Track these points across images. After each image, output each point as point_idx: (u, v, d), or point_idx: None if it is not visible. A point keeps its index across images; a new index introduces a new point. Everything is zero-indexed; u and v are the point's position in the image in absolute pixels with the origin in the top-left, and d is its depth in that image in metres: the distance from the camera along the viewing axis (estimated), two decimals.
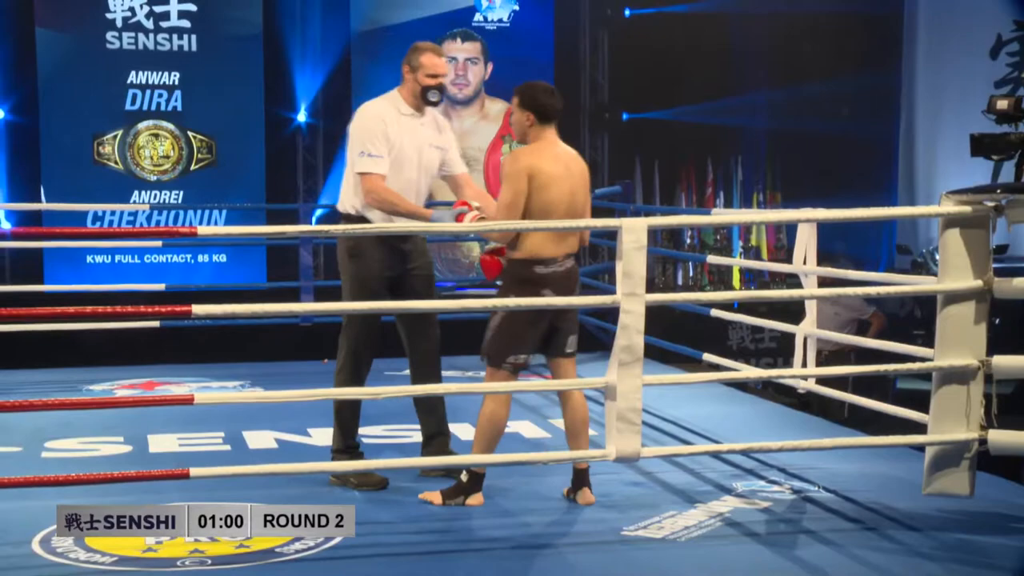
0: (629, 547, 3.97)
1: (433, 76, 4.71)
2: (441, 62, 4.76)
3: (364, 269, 4.76)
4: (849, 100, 12.22)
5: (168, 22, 10.14)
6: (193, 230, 4.48)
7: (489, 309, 4.38)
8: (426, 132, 4.79)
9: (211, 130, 10.24)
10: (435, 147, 4.82)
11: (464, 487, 4.41)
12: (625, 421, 4.05)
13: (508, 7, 11.00)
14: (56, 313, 4.94)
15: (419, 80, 4.71)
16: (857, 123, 12.20)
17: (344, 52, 10.71)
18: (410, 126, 4.74)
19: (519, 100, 4.35)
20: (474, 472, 4.42)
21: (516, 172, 4.25)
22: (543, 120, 4.34)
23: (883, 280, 4.99)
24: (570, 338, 4.48)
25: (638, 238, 3.99)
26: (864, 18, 12.28)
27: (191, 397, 4.97)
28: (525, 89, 4.37)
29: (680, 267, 12.14)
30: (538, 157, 4.30)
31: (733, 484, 4.73)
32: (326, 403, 6.17)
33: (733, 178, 12.44)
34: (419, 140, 4.76)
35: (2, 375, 7.32)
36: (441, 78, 4.75)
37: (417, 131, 4.75)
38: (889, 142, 12.44)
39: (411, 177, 4.75)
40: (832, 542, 3.99)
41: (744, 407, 6.56)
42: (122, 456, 5.23)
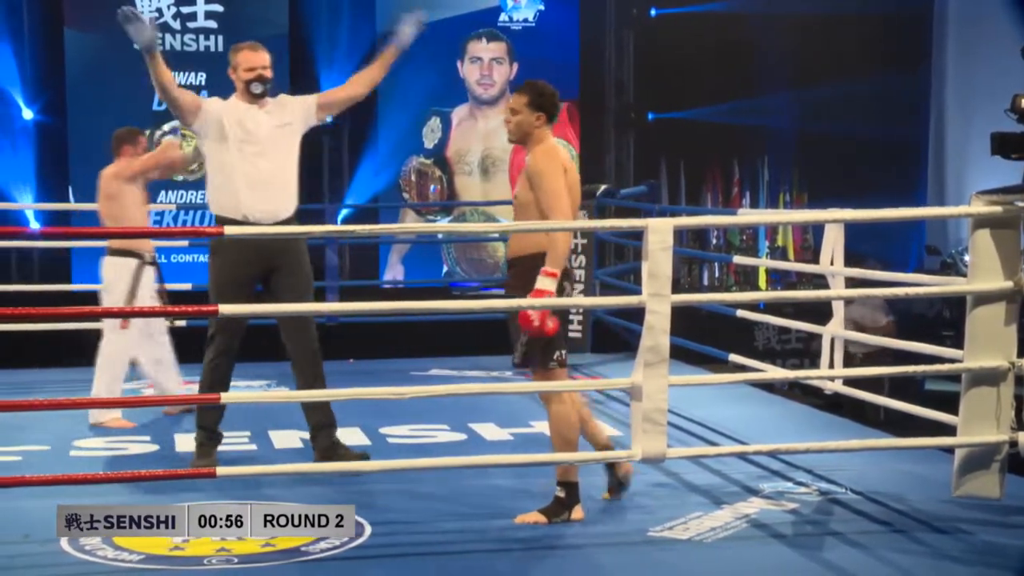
0: (655, 548, 3.96)
1: (250, 70, 4.90)
2: (256, 56, 4.93)
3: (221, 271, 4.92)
4: (877, 100, 12.14)
5: (195, 23, 10.19)
6: (220, 230, 4.49)
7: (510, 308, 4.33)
8: (273, 117, 4.94)
9: None
10: (285, 125, 4.95)
11: (566, 502, 4.26)
12: (651, 422, 4.04)
13: (533, 7, 10.99)
14: (84, 312, 4.98)
15: (240, 77, 4.92)
16: (885, 123, 12.12)
17: (369, 52, 10.69)
18: (250, 115, 4.90)
19: (529, 100, 4.24)
20: (570, 484, 4.27)
21: (555, 169, 4.17)
22: (551, 121, 4.30)
23: (912, 281, 4.96)
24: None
25: (664, 238, 3.98)
26: (893, 18, 12.21)
27: (218, 396, 5.00)
28: (535, 90, 4.28)
29: (706, 267, 12.10)
30: (561, 155, 4.28)
31: (759, 485, 4.70)
32: (351, 402, 6.18)
33: (759, 178, 12.39)
34: (263, 128, 4.89)
35: (31, 374, 7.38)
36: (259, 70, 4.90)
37: (260, 119, 4.91)
38: (918, 142, 12.36)
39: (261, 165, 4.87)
40: (859, 544, 3.97)
41: (770, 408, 6.53)
42: (149, 455, 5.26)
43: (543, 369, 4.24)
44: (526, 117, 4.25)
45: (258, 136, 4.89)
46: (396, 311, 4.58)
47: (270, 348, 7.37)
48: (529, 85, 4.33)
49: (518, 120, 4.26)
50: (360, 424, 5.79)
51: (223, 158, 4.90)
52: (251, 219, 4.85)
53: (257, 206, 4.86)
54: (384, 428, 5.72)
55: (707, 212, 9.87)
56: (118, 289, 5.77)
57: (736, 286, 11.78)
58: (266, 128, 4.91)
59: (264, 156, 4.89)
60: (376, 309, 4.53)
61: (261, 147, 4.88)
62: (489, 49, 10.95)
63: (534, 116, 4.24)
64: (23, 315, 4.10)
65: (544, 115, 4.26)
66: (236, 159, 4.88)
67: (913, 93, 12.20)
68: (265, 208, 4.87)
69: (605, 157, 11.48)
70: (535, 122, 4.24)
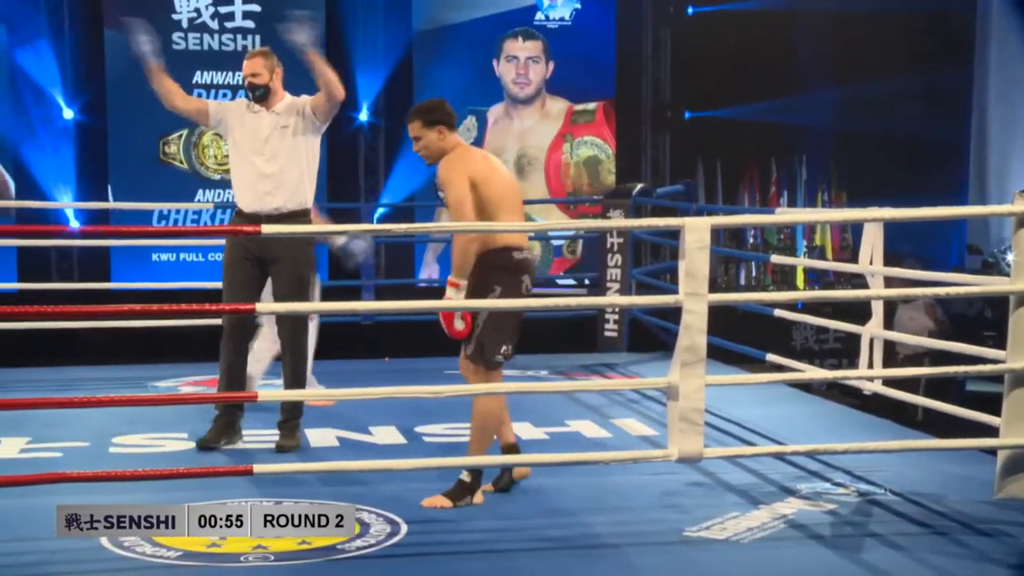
0: (691, 548, 3.93)
1: (244, 77, 5.31)
2: (246, 64, 5.30)
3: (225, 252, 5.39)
4: (917, 98, 12.03)
5: (232, 23, 10.26)
6: (257, 229, 4.51)
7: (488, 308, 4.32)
8: (276, 120, 5.28)
9: None
10: (283, 127, 5.27)
11: (470, 486, 4.36)
12: (688, 421, 4.01)
13: (570, 6, 10.97)
14: (123, 311, 5.01)
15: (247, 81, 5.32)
16: (926, 121, 12.01)
17: (406, 51, 10.76)
18: (253, 117, 5.29)
19: (422, 122, 4.36)
20: (476, 470, 4.37)
21: (456, 178, 4.27)
22: (452, 128, 4.40)
23: (953, 280, 4.90)
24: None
25: (701, 237, 3.95)
26: (933, 15, 12.08)
27: (255, 394, 5.02)
28: (420, 110, 4.42)
29: (743, 267, 12.04)
30: (467, 159, 4.35)
31: (797, 486, 4.66)
32: (387, 401, 6.20)
33: (797, 177, 12.31)
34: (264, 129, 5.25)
35: (70, 371, 7.45)
36: (251, 78, 5.27)
37: (261, 121, 5.27)
38: (959, 141, 12.22)
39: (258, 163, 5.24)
40: (899, 546, 3.92)
41: (808, 408, 6.48)
42: (186, 452, 5.29)
43: (480, 366, 4.37)
44: (428, 138, 4.37)
45: (257, 136, 5.25)
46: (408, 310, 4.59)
47: None
48: (413, 110, 4.48)
49: (424, 144, 4.39)
50: (396, 423, 5.80)
51: (231, 156, 5.38)
52: (247, 212, 5.27)
53: (254, 201, 5.25)
54: (419, 427, 5.73)
55: (744, 211, 9.81)
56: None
57: (773, 286, 11.71)
58: (266, 129, 5.26)
59: (261, 154, 5.24)
60: (405, 308, 4.53)
61: (259, 146, 5.25)
62: (525, 48, 10.95)
63: (434, 133, 4.36)
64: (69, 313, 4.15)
65: (442, 126, 4.37)
66: (236, 157, 5.33)
67: (955, 90, 12.07)
68: (261, 202, 5.24)
69: (641, 156, 11.45)
70: (437, 139, 4.36)
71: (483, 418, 4.40)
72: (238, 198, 5.34)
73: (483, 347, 4.38)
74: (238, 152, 5.32)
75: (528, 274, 4.43)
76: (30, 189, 9.94)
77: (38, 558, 3.76)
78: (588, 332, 8.46)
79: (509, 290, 4.34)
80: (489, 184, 4.33)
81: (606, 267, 8.38)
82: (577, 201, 10.91)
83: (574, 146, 11.03)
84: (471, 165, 4.33)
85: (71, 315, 4.32)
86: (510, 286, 4.35)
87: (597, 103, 11.01)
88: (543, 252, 10.82)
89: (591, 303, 8.04)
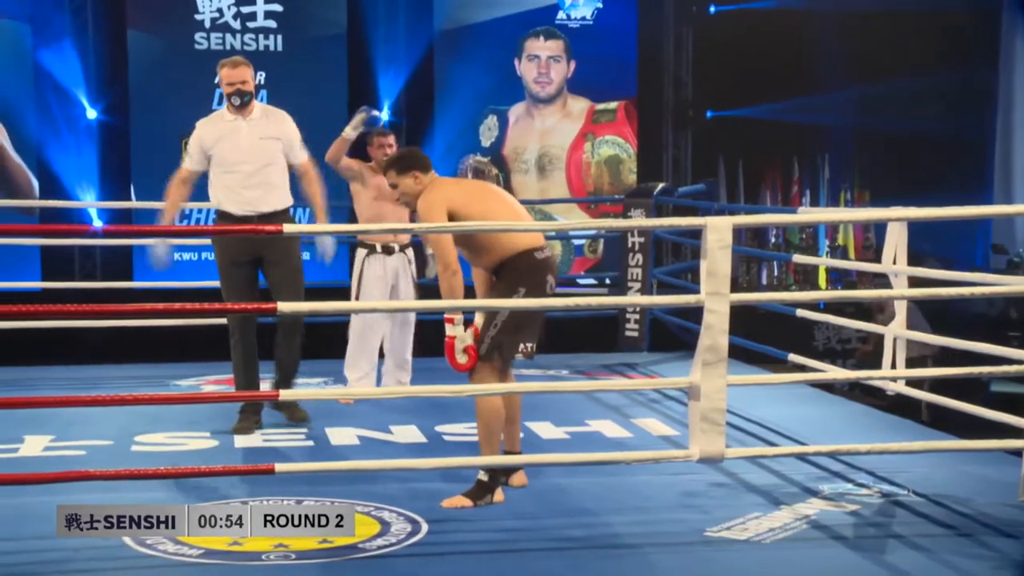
0: (712, 548, 3.92)
1: (229, 85, 5.52)
2: (232, 72, 5.53)
3: (221, 255, 5.60)
4: (941, 97, 11.94)
5: (255, 22, 10.28)
6: (279, 228, 4.53)
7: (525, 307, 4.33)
8: (256, 128, 5.57)
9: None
10: (269, 138, 5.57)
11: (489, 485, 4.38)
12: (709, 421, 4.00)
13: (592, 5, 10.95)
14: (145, 310, 5.02)
15: (224, 92, 5.57)
16: (949, 121, 11.92)
17: (427, 51, 10.75)
18: (232, 128, 5.56)
19: (397, 171, 4.47)
20: (493, 469, 4.39)
21: (434, 215, 4.34)
22: (426, 171, 4.49)
23: (976, 280, 4.86)
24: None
25: (722, 237, 3.94)
26: (958, 13, 12.00)
27: (277, 394, 5.03)
28: (394, 161, 4.54)
29: (764, 266, 11.99)
30: (441, 192, 4.42)
31: (819, 486, 4.64)
32: (409, 400, 6.21)
33: (819, 176, 12.25)
34: (244, 139, 5.54)
35: (93, 370, 7.49)
36: (236, 84, 5.51)
37: (241, 131, 5.55)
38: (983, 140, 12.13)
39: (245, 169, 5.53)
40: (923, 548, 3.90)
41: (830, 409, 6.45)
42: (208, 451, 5.30)
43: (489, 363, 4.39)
44: (405, 184, 4.48)
45: (240, 146, 5.52)
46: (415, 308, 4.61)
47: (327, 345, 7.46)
48: (385, 163, 4.66)
49: (403, 191, 4.50)
50: (416, 422, 5.81)
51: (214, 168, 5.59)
52: (239, 215, 5.52)
53: (245, 205, 5.52)
54: (440, 426, 5.73)
55: (766, 210, 9.77)
56: (354, 279, 6.28)
57: (796, 285, 11.66)
58: (248, 137, 5.54)
59: (248, 162, 5.52)
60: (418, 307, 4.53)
61: (244, 155, 5.53)
62: (546, 47, 10.93)
63: (409, 179, 4.47)
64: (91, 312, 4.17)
65: (415, 171, 4.48)
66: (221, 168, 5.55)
67: (979, 89, 11.98)
68: (252, 205, 5.52)
69: (663, 155, 11.41)
70: (414, 183, 4.47)
71: (487, 416, 4.41)
72: (225, 204, 5.56)
73: (500, 348, 4.38)
74: (223, 164, 5.54)
75: (552, 274, 4.47)
76: (54, 188, 9.99)
77: (62, 555, 3.78)
78: (609, 332, 8.45)
79: (534, 290, 4.36)
80: (470, 207, 4.39)
81: (627, 266, 8.37)
82: (598, 200, 10.90)
83: (595, 145, 11.00)
84: (445, 196, 4.42)
85: (94, 314, 4.35)
86: (534, 286, 4.36)
87: (618, 102, 10.98)
88: (564, 252, 10.81)
89: (612, 303, 8.01)
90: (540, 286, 4.39)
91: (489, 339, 4.37)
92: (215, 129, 5.60)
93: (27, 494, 4.24)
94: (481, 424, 4.43)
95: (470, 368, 4.39)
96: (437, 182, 4.51)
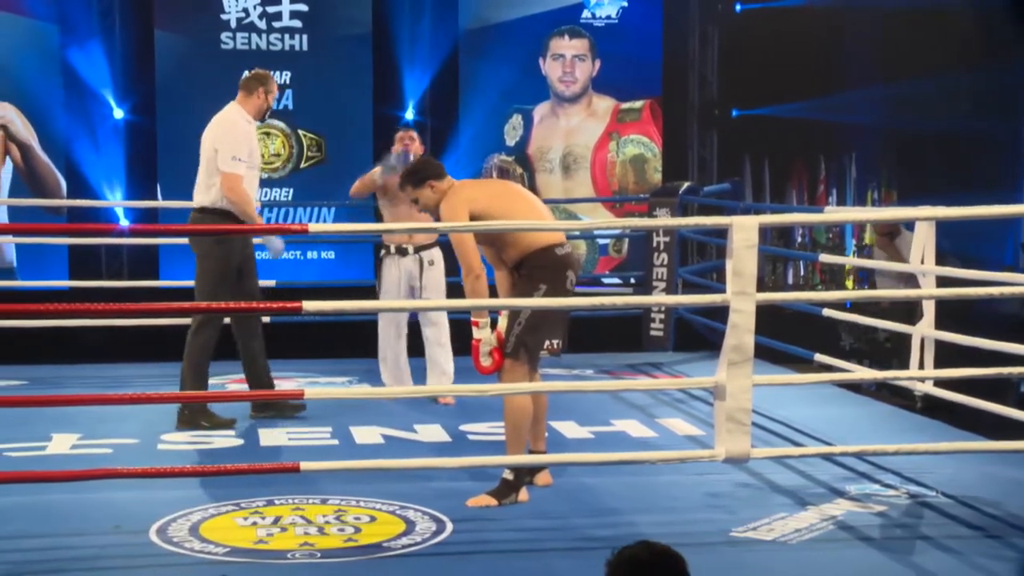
0: (738, 548, 3.90)
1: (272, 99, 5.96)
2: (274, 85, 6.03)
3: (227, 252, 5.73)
4: (970, 96, 11.83)
5: (280, 22, 10.31)
6: (304, 227, 4.55)
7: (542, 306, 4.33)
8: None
9: (321, 128, 10.38)
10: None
11: (514, 484, 4.40)
12: (735, 421, 3.98)
13: (617, 4, 10.93)
14: (171, 308, 5.05)
15: (268, 101, 5.92)
16: (978, 119, 11.80)
17: (452, 50, 10.75)
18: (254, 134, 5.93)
19: (412, 185, 4.55)
20: (518, 468, 4.40)
21: (456, 216, 4.38)
22: (441, 178, 4.54)
23: (1005, 280, 4.82)
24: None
25: (749, 236, 3.92)
26: (987, 9, 11.88)
27: (301, 392, 5.05)
28: (409, 175, 4.61)
29: (791, 266, 11.93)
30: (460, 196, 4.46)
31: (846, 487, 4.62)
32: (432, 400, 6.22)
33: (846, 175, 12.17)
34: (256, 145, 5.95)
35: (119, 368, 7.53)
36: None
37: (255, 138, 5.94)
38: (1014, 139, 12.01)
39: (256, 175, 5.91)
40: (951, 549, 3.87)
41: (857, 409, 6.41)
42: (234, 449, 5.32)
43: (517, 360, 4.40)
44: (424, 196, 4.55)
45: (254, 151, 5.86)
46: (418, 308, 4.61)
47: (351, 345, 7.47)
48: (400, 181, 4.72)
49: (423, 203, 4.58)
50: (440, 421, 5.81)
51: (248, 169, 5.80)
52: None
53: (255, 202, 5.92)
54: (464, 425, 5.73)
55: (792, 210, 9.71)
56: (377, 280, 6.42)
57: (822, 285, 11.59)
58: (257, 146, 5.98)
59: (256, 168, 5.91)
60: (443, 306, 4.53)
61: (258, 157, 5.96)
62: (571, 46, 10.91)
63: (428, 189, 4.53)
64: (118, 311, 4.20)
65: (431, 181, 4.53)
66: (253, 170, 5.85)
67: (1009, 87, 11.86)
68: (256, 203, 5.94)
69: (688, 154, 11.36)
70: (433, 193, 4.53)
71: (515, 415, 4.42)
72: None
73: (527, 345, 4.39)
74: (253, 166, 5.84)
75: (572, 269, 4.48)
76: (81, 188, 10.05)
77: (90, 552, 3.81)
78: (634, 331, 8.43)
79: (554, 287, 4.36)
80: (491, 208, 4.43)
81: (652, 266, 8.34)
82: (623, 200, 10.86)
83: (620, 144, 10.97)
84: (466, 198, 4.46)
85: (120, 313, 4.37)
86: (555, 283, 4.37)
87: (644, 101, 10.94)
88: (589, 251, 10.79)
89: (637, 302, 7.98)
90: (561, 282, 4.40)
91: (515, 337, 4.38)
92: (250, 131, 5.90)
93: (55, 491, 4.27)
94: (509, 422, 4.43)
95: (494, 371, 4.39)
96: (457, 185, 4.54)
